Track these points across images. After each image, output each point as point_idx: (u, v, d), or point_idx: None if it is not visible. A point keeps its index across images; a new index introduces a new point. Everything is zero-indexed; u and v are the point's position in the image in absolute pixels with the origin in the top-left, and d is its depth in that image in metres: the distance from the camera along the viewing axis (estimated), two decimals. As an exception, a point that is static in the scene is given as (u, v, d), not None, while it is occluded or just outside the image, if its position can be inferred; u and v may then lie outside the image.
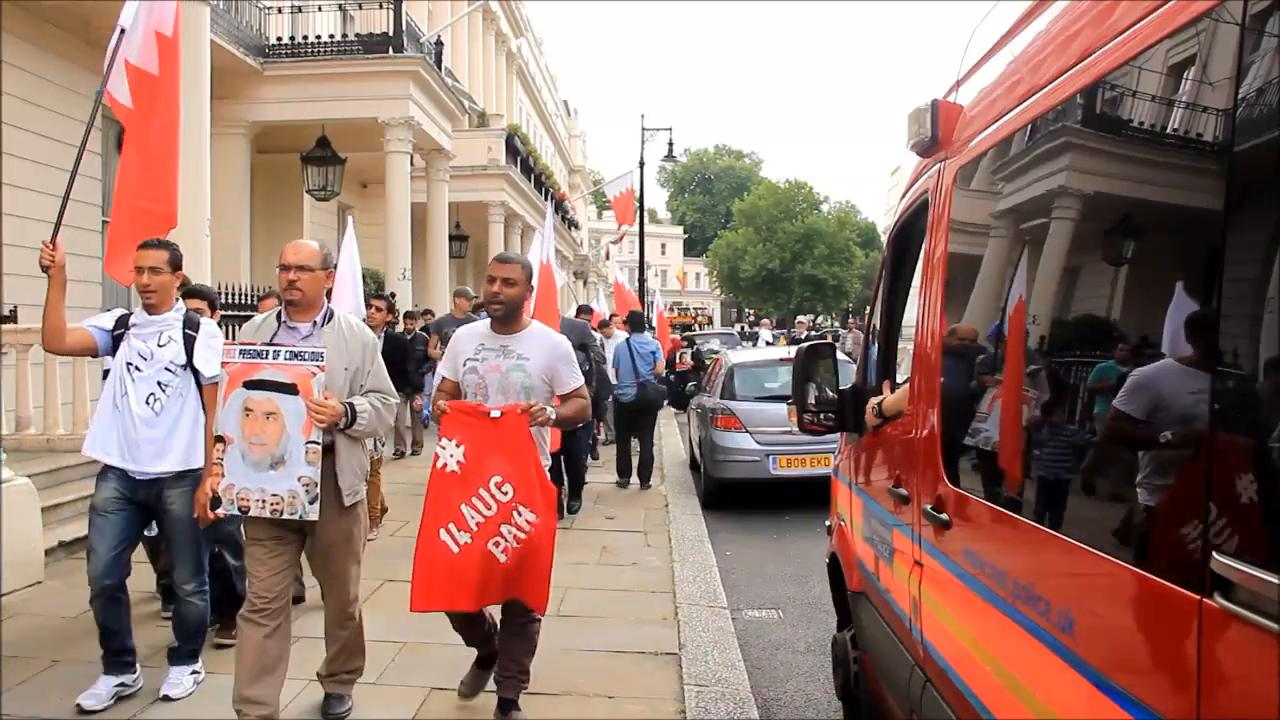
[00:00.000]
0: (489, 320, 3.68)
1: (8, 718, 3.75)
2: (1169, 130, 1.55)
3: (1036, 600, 1.79)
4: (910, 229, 3.15)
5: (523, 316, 3.66)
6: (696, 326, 34.86)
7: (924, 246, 2.78)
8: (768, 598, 6.00)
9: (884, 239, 5.08)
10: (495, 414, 3.40)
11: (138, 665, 4.02)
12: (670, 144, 28.36)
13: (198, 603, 4.02)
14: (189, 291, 4.50)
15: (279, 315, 3.52)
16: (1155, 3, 1.51)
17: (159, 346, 3.88)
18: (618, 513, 8.10)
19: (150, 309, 3.91)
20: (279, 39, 12.69)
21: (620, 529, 7.51)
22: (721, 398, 9.13)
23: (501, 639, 3.75)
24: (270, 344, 3.40)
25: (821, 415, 3.51)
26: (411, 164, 13.64)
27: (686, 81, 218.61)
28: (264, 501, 3.34)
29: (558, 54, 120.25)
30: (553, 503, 3.50)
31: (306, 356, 3.33)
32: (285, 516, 3.35)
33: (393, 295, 12.66)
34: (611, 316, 13.26)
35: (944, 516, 2.33)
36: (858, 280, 60.53)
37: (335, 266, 3.55)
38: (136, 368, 3.84)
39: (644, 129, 26.98)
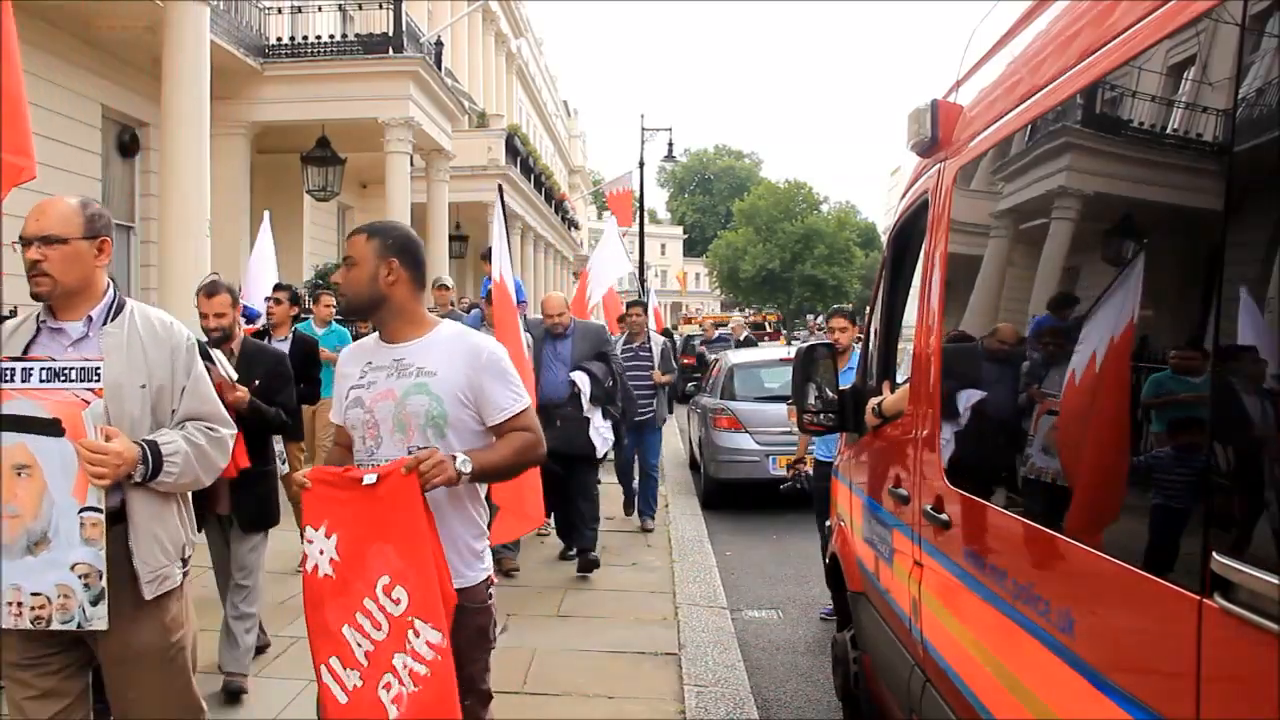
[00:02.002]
0: (378, 332, 2.52)
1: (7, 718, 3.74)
2: (1169, 130, 1.55)
3: (1036, 600, 1.79)
4: (910, 229, 3.15)
5: (418, 313, 2.48)
6: (767, 326, 33.87)
7: (924, 246, 2.79)
8: (768, 598, 6.00)
9: (884, 239, 5.08)
10: (369, 479, 2.23)
11: None
12: (670, 144, 28.36)
13: None
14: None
15: (39, 316, 2.37)
16: (1155, 3, 1.51)
17: None
18: (617, 513, 8.10)
19: None
20: (279, 39, 12.69)
21: (620, 529, 7.50)
22: (721, 398, 9.13)
23: None
24: (18, 359, 2.24)
25: (821, 415, 3.51)
26: (411, 164, 13.64)
27: (686, 81, 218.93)
28: (19, 605, 2.19)
29: (558, 54, 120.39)
30: (452, 611, 2.25)
31: (73, 375, 2.20)
32: (56, 627, 2.20)
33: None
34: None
35: (944, 516, 2.33)
36: (858, 280, 60.52)
37: (109, 235, 2.40)
38: None
39: (644, 129, 26.97)
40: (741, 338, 15.15)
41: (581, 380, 6.05)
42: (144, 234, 10.89)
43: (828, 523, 4.30)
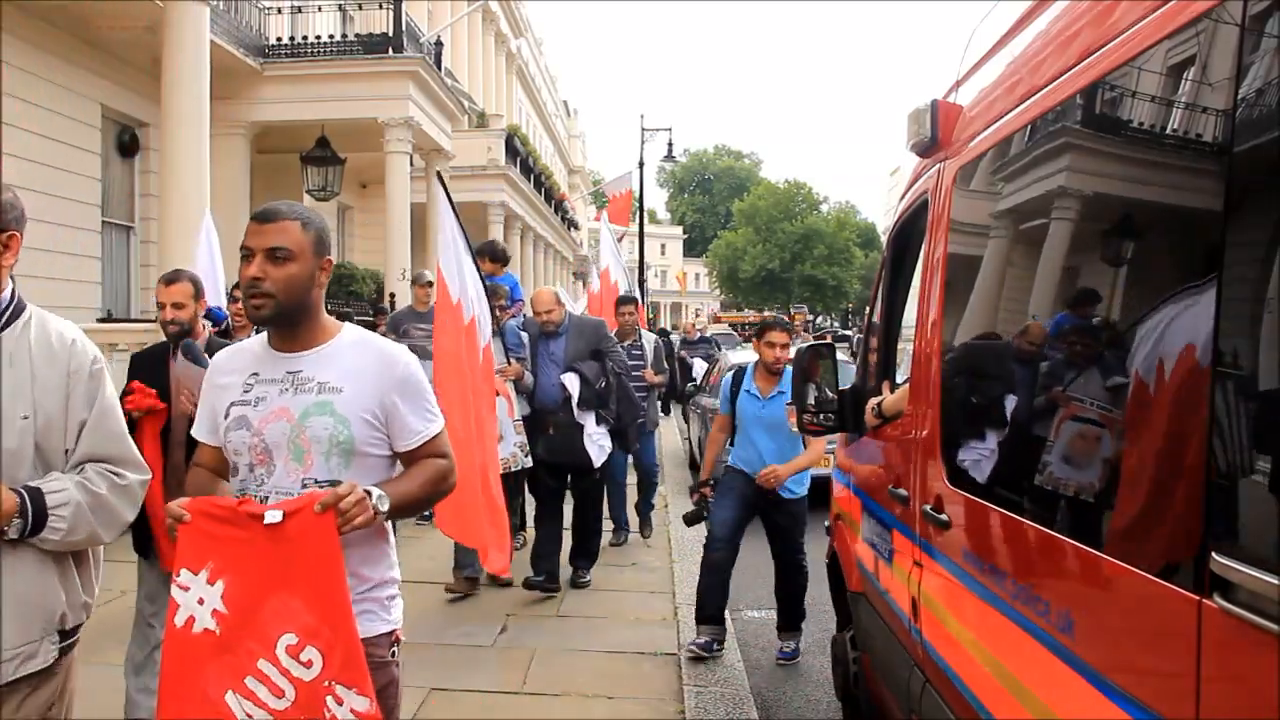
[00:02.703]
0: (264, 335, 2.10)
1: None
2: (1169, 130, 1.55)
3: (1036, 600, 1.79)
4: (910, 229, 3.15)
5: (321, 316, 2.07)
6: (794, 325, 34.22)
7: (923, 247, 2.79)
8: (768, 598, 5.98)
9: (884, 239, 5.08)
10: (274, 517, 1.85)
11: None
12: (670, 144, 28.35)
13: None
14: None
15: None
16: (1155, 3, 1.51)
17: None
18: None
19: None
20: (279, 39, 12.71)
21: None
22: (721, 398, 9.12)
23: None
24: None
25: (821, 415, 3.50)
26: (411, 164, 13.65)
27: (686, 81, 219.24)
28: None
29: (558, 54, 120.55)
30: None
31: None
32: None
33: (393, 296, 12.67)
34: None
35: (944, 516, 2.33)
36: (857, 280, 60.56)
37: (20, 231, 2.01)
38: None
39: (644, 129, 26.97)
40: (705, 336, 16.54)
41: (570, 382, 5.52)
42: (144, 234, 10.89)
43: (828, 522, 4.29)
